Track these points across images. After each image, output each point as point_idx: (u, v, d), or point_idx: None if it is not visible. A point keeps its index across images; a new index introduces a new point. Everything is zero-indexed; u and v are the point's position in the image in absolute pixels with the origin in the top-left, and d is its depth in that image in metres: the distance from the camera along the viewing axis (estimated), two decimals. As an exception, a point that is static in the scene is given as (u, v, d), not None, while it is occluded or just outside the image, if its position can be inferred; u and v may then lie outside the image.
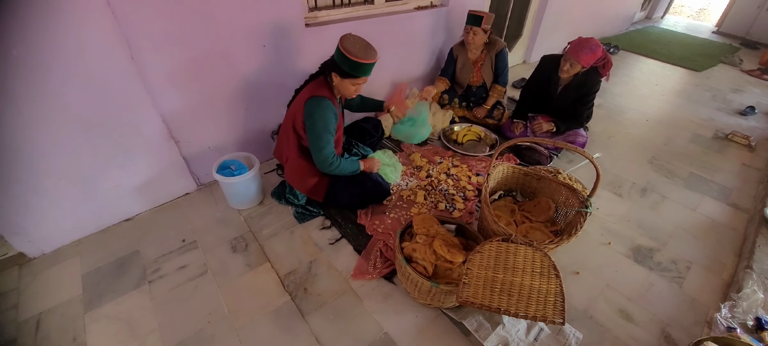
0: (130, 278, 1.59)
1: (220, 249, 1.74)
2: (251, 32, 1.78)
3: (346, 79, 1.59)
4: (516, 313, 1.20)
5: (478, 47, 2.59)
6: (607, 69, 2.25)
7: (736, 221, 2.08)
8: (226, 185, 1.83)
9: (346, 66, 1.54)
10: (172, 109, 1.73)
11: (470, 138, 2.64)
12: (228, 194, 1.92)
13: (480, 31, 2.45)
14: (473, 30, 2.45)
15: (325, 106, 1.61)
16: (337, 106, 1.69)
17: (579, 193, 1.64)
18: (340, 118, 1.78)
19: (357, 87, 1.64)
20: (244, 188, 1.86)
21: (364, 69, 1.56)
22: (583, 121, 2.47)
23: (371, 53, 1.55)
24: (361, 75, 1.58)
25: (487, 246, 1.36)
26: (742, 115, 3.42)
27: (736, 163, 2.64)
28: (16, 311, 1.45)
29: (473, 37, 2.48)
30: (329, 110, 1.61)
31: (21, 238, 1.57)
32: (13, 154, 1.39)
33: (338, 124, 1.72)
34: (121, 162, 1.69)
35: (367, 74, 1.60)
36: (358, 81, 1.61)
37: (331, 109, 1.63)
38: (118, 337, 1.38)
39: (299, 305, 1.51)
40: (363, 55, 1.52)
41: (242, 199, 1.93)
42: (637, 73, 4.34)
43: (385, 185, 1.97)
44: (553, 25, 4.09)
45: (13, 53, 1.22)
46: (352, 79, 1.59)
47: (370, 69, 1.58)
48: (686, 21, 7.59)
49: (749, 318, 1.48)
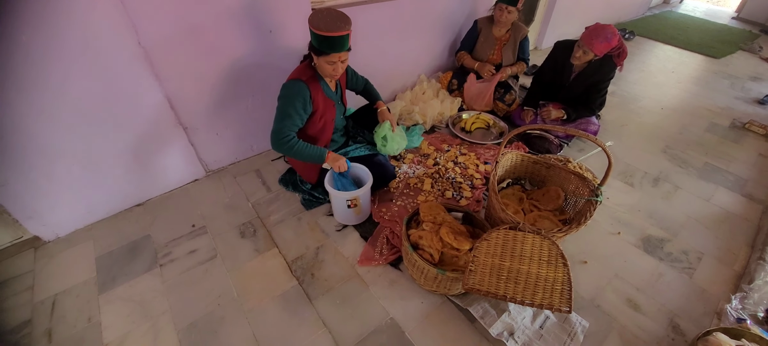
0: (142, 261, 1.63)
1: (229, 234, 1.76)
2: (258, 18, 1.77)
3: (320, 56, 1.49)
4: (522, 301, 1.20)
5: (507, 25, 2.57)
6: (622, 59, 2.19)
7: (750, 212, 2.04)
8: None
9: (314, 42, 1.46)
10: (180, 96, 1.73)
11: (479, 126, 2.60)
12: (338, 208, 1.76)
13: (514, 10, 2.44)
14: (508, 9, 2.43)
15: (291, 88, 1.55)
16: (318, 89, 1.63)
17: (589, 182, 1.61)
18: (332, 104, 1.73)
19: (335, 66, 1.53)
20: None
21: (331, 43, 1.43)
22: (595, 110, 2.42)
23: (340, 25, 1.40)
24: (331, 51, 1.46)
25: (494, 234, 1.35)
26: (761, 104, 3.31)
27: (753, 153, 2.57)
28: (32, 293, 1.49)
29: (507, 16, 2.47)
30: (296, 92, 1.55)
31: (35, 222, 1.61)
32: (26, 141, 1.42)
33: (321, 109, 1.66)
34: (132, 148, 1.71)
35: (340, 50, 1.47)
36: (331, 58, 1.49)
37: (300, 92, 1.55)
38: (131, 317, 1.42)
39: (306, 289, 1.53)
40: (326, 27, 1.38)
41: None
42: (653, 60, 4.22)
43: (390, 169, 1.95)
44: (566, 10, 3.98)
45: (22, 39, 1.23)
46: (325, 57, 1.48)
47: (340, 43, 1.44)
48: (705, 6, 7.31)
49: (760, 310, 1.45)
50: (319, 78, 1.64)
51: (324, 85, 1.67)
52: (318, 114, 1.68)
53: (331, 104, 1.73)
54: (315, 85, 1.61)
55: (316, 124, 1.71)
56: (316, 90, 1.62)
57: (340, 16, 1.44)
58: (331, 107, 1.75)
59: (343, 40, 1.45)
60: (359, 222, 1.83)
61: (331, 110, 1.75)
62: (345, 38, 1.45)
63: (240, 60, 1.83)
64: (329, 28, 1.39)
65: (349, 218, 1.79)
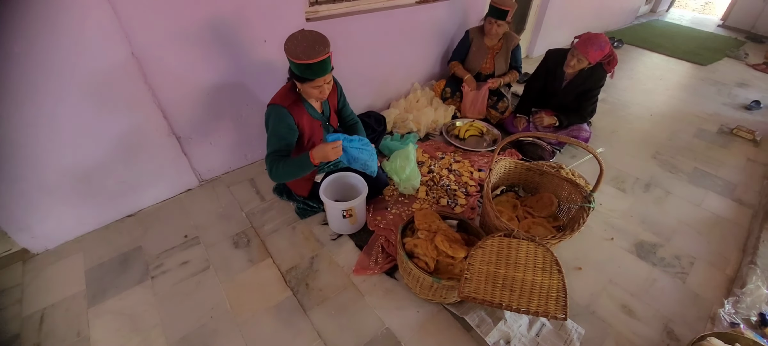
0: (133, 273, 1.60)
1: (222, 245, 1.74)
2: (252, 27, 1.77)
3: (304, 83, 1.44)
4: (518, 308, 1.20)
5: (498, 36, 2.61)
6: (612, 66, 2.23)
7: (740, 217, 2.07)
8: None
9: (295, 70, 1.39)
10: (173, 106, 1.73)
11: (472, 133, 2.62)
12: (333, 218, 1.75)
13: (504, 24, 2.48)
14: (497, 23, 2.47)
15: (273, 115, 1.51)
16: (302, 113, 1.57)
17: (582, 188, 1.63)
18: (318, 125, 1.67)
19: (321, 89, 1.48)
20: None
21: (313, 69, 1.36)
22: (587, 117, 2.45)
23: (318, 50, 1.34)
24: (314, 77, 1.40)
25: (489, 241, 1.35)
26: (748, 110, 3.38)
27: (741, 158, 2.62)
28: (20, 306, 1.46)
29: (497, 29, 2.50)
30: (279, 119, 1.51)
31: (24, 234, 1.58)
32: (15, 151, 1.40)
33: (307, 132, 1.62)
34: (123, 158, 1.69)
35: (323, 73, 1.41)
36: (315, 83, 1.43)
37: (283, 118, 1.51)
38: (121, 332, 1.39)
39: (301, 300, 1.51)
40: (306, 54, 1.33)
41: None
42: (642, 68, 4.30)
43: (383, 177, 1.94)
44: (556, 19, 4.06)
45: (14, 50, 1.22)
46: (309, 83, 1.43)
47: (323, 67, 1.38)
48: (691, 14, 7.49)
49: (753, 314, 1.47)
50: (302, 100, 1.59)
51: (308, 107, 1.61)
52: (305, 137, 1.64)
53: (317, 125, 1.68)
54: (298, 108, 1.56)
55: (305, 146, 1.67)
56: (299, 114, 1.56)
57: (317, 38, 1.37)
58: (318, 128, 1.69)
59: (325, 64, 1.39)
60: (354, 232, 1.82)
61: (318, 131, 1.69)
62: (326, 61, 1.39)
63: (234, 69, 1.83)
64: (309, 55, 1.33)
65: (343, 228, 1.78)
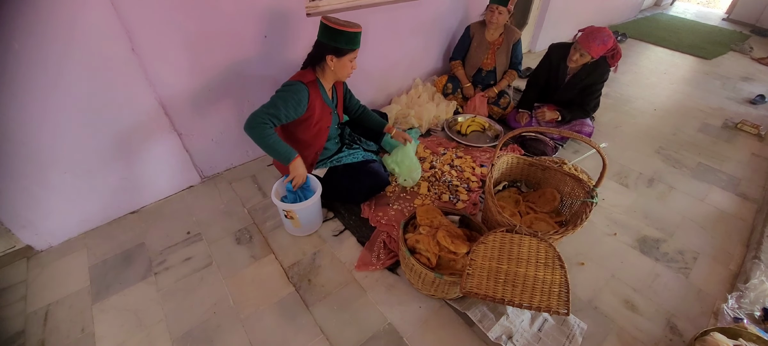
0: (136, 269, 1.61)
1: (225, 241, 1.75)
2: (252, 22, 1.77)
3: (344, 56, 1.57)
4: (520, 303, 1.20)
5: (499, 28, 2.58)
6: (616, 60, 2.21)
7: (744, 211, 2.05)
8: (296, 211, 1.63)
9: (341, 41, 1.53)
10: (174, 102, 1.72)
11: (474, 129, 2.61)
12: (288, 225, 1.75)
13: (505, 11, 2.45)
14: (498, 9, 2.45)
15: (291, 86, 1.56)
16: (317, 94, 1.63)
17: (585, 183, 1.62)
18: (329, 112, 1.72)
19: (353, 63, 1.64)
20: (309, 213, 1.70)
21: (354, 40, 1.56)
22: (590, 111, 2.43)
23: (355, 23, 1.56)
24: (353, 46, 1.57)
25: (491, 237, 1.35)
26: (752, 104, 3.35)
27: (746, 153, 2.60)
28: (25, 303, 1.47)
29: (498, 17, 2.47)
30: (294, 91, 1.55)
31: (28, 231, 1.59)
32: (18, 148, 1.40)
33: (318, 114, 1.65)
34: (126, 155, 1.70)
35: (358, 46, 1.60)
36: (354, 55, 1.61)
37: (299, 92, 1.55)
38: (125, 327, 1.40)
39: (303, 296, 1.52)
40: (349, 25, 1.52)
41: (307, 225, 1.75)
42: (646, 62, 4.27)
43: (384, 176, 1.95)
44: (559, 13, 4.02)
45: (14, 46, 1.22)
46: (350, 54, 1.58)
47: (359, 39, 1.59)
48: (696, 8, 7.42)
49: (756, 309, 1.46)
50: (319, 84, 1.65)
51: (323, 92, 1.67)
52: (314, 119, 1.66)
53: (328, 111, 1.73)
54: (315, 89, 1.62)
55: (311, 129, 1.69)
56: (315, 94, 1.62)
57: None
58: (328, 115, 1.74)
59: (360, 37, 1.59)
60: (302, 235, 1.78)
61: (327, 117, 1.74)
62: (360, 35, 1.59)
63: (235, 65, 1.82)
64: (353, 25, 1.53)
65: (289, 227, 1.75)
